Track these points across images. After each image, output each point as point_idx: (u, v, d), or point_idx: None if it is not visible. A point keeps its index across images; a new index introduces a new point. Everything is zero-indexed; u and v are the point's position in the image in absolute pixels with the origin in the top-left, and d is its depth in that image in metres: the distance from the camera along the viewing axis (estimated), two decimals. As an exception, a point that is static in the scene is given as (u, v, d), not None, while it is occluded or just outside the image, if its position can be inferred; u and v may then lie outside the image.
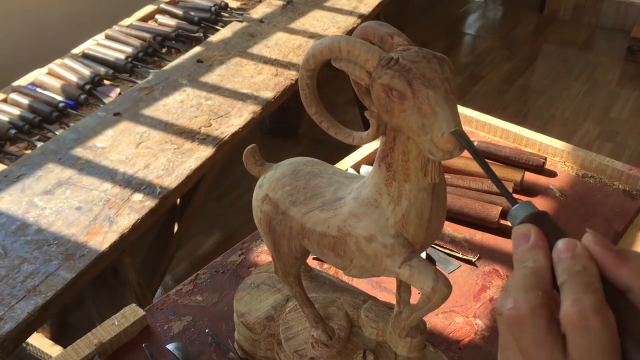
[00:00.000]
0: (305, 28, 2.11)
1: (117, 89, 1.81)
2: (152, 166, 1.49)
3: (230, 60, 1.92)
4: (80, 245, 1.27)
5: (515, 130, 1.29)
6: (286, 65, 1.90)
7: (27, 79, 1.84)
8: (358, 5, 2.25)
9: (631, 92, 3.18)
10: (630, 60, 3.42)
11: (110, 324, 0.87)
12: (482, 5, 4.11)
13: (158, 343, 0.88)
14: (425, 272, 0.63)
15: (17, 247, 1.26)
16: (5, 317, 1.11)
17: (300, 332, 0.81)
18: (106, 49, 1.94)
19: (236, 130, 1.63)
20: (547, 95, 3.17)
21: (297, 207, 0.70)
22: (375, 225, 0.64)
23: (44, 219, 1.33)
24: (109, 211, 1.36)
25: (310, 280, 0.88)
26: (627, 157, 2.72)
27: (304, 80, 0.64)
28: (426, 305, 0.65)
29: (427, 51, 0.57)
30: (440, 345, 0.90)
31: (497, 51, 3.56)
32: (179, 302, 0.95)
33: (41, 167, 1.47)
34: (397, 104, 0.56)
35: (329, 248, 0.68)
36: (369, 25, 0.64)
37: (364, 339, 0.80)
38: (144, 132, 1.60)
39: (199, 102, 1.72)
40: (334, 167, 0.75)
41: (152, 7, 2.20)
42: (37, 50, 2.19)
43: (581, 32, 3.73)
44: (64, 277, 1.20)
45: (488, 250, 1.06)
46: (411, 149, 0.60)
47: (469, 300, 0.97)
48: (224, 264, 1.02)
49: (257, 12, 2.20)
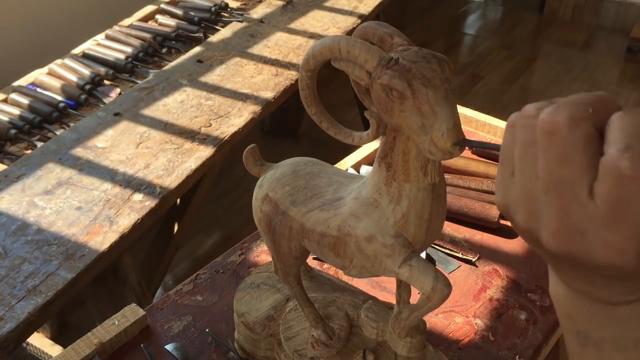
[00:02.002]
0: (305, 28, 2.11)
1: (117, 89, 1.81)
2: (152, 166, 1.49)
3: (230, 60, 1.92)
4: (81, 245, 1.27)
5: (515, 130, 1.29)
6: (286, 65, 1.90)
7: (27, 79, 1.84)
8: (358, 5, 2.25)
9: (631, 92, 3.18)
10: (630, 61, 3.41)
11: (111, 323, 0.87)
12: (482, 5, 4.11)
13: (158, 343, 0.88)
14: (425, 272, 0.63)
15: (17, 247, 1.26)
16: (5, 317, 1.11)
17: (300, 332, 0.81)
18: (106, 49, 1.94)
19: (236, 130, 1.63)
20: (547, 95, 3.17)
21: (297, 207, 0.70)
22: (375, 225, 0.64)
23: (44, 219, 1.33)
24: (109, 211, 1.36)
25: (310, 280, 0.88)
26: (627, 157, 2.72)
27: (304, 80, 0.64)
28: (426, 305, 0.65)
29: (427, 51, 0.57)
30: (440, 345, 0.90)
31: (497, 51, 3.56)
32: (179, 302, 0.95)
33: (41, 167, 1.47)
34: (397, 104, 0.56)
35: (329, 248, 0.68)
36: (368, 25, 0.64)
37: (364, 339, 0.80)
38: (144, 132, 1.60)
39: (199, 102, 1.72)
40: (334, 167, 0.75)
41: (152, 7, 2.20)
42: (37, 50, 2.20)
43: (581, 32, 3.73)
44: (64, 277, 1.20)
45: (488, 250, 1.06)
46: (411, 149, 0.60)
47: (469, 300, 0.98)
48: (224, 264, 1.02)
49: (257, 12, 2.20)
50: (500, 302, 0.97)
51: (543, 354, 0.94)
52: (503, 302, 0.98)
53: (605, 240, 0.36)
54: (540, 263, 1.04)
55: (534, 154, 0.37)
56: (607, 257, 0.36)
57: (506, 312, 0.96)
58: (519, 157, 0.39)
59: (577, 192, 0.36)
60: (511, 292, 0.99)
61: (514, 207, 0.40)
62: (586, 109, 0.36)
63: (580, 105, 0.36)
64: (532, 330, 0.93)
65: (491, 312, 0.96)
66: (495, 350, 0.90)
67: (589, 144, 0.35)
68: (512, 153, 0.40)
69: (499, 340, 0.92)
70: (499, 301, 0.98)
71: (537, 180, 0.38)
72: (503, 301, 0.98)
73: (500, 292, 0.99)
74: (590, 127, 0.35)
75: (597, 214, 0.35)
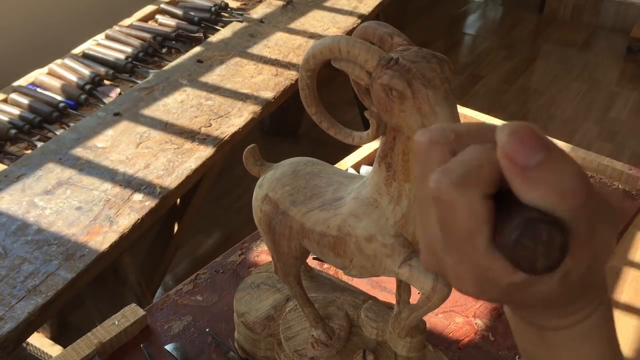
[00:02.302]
0: (305, 28, 2.11)
1: (117, 89, 1.81)
2: (152, 166, 1.49)
3: (230, 60, 1.92)
4: (81, 245, 1.27)
5: (515, 130, 1.29)
6: (286, 65, 1.90)
7: (28, 79, 1.84)
8: (358, 5, 2.25)
9: (631, 92, 3.18)
10: (630, 60, 3.41)
11: (111, 323, 0.87)
12: (482, 5, 4.11)
13: (158, 343, 0.88)
14: (425, 272, 0.63)
15: (17, 247, 1.26)
16: (5, 317, 1.11)
17: (300, 332, 0.81)
18: (106, 49, 1.94)
19: (236, 130, 1.63)
20: (547, 95, 3.17)
21: (297, 207, 0.70)
22: (375, 225, 0.64)
23: (44, 219, 1.33)
24: (109, 211, 1.36)
25: (310, 280, 0.88)
26: (627, 157, 2.72)
27: (304, 80, 0.64)
28: (426, 305, 0.65)
29: (427, 51, 0.57)
30: (440, 345, 0.90)
31: (497, 51, 3.56)
32: (179, 302, 0.95)
33: (41, 167, 1.47)
34: (397, 104, 0.56)
35: (329, 248, 0.68)
36: (368, 25, 0.64)
37: (364, 339, 0.80)
38: (144, 132, 1.60)
39: (199, 102, 1.72)
40: (334, 167, 0.75)
41: (152, 7, 2.20)
42: (37, 50, 2.20)
43: (581, 32, 3.73)
44: (64, 277, 1.20)
45: (488, 250, 1.06)
46: (411, 149, 0.60)
47: (469, 300, 0.98)
48: (224, 264, 1.02)
49: (257, 12, 2.20)
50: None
51: (543, 354, 0.94)
52: (503, 302, 0.97)
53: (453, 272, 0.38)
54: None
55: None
56: (455, 286, 0.39)
57: (506, 312, 0.96)
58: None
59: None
60: (511, 292, 0.99)
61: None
62: (443, 132, 0.37)
63: (438, 130, 0.38)
64: (532, 330, 0.93)
65: (491, 312, 0.96)
66: (495, 350, 0.90)
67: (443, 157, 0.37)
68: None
69: (499, 340, 0.92)
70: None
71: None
72: (503, 301, 0.98)
73: (500, 292, 0.99)
74: (447, 149, 0.37)
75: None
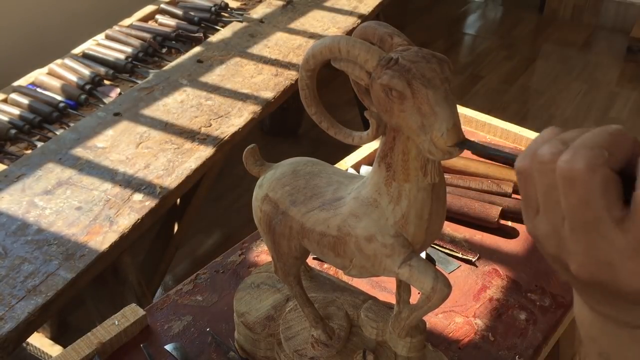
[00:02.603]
0: (305, 28, 2.11)
1: (117, 89, 1.81)
2: (152, 166, 1.49)
3: (230, 60, 1.92)
4: (81, 245, 1.27)
5: (515, 130, 1.29)
6: (286, 65, 1.90)
7: (27, 79, 1.84)
8: (358, 5, 2.25)
9: (631, 92, 3.18)
10: (630, 60, 3.41)
11: (111, 323, 0.87)
12: (482, 5, 4.11)
13: (158, 343, 0.88)
14: (425, 272, 0.63)
15: (17, 247, 1.26)
16: (5, 317, 1.11)
17: (300, 332, 0.81)
18: (106, 49, 1.94)
19: (236, 130, 1.63)
20: (547, 95, 3.17)
21: (297, 207, 0.70)
22: (375, 225, 0.64)
23: (44, 219, 1.33)
24: (109, 211, 1.36)
25: (310, 280, 0.88)
26: (627, 157, 2.72)
27: (304, 80, 0.64)
28: (426, 305, 0.65)
29: (427, 51, 0.57)
30: (440, 345, 0.90)
31: (497, 51, 3.56)
32: (179, 302, 0.95)
33: (41, 167, 1.47)
34: (397, 104, 0.56)
35: (328, 248, 0.68)
36: (368, 25, 0.64)
37: (364, 339, 0.80)
38: (144, 132, 1.60)
39: (199, 102, 1.72)
40: (334, 167, 0.75)
41: (152, 7, 2.20)
42: (37, 50, 2.20)
43: (581, 32, 3.73)
44: (64, 277, 1.20)
45: (488, 250, 1.06)
46: (411, 149, 0.60)
47: (469, 300, 0.98)
48: (224, 264, 1.02)
49: (257, 12, 2.20)
50: (500, 302, 0.97)
51: (543, 354, 0.94)
52: (503, 302, 0.98)
53: (632, 270, 0.38)
54: (540, 263, 1.04)
55: (556, 196, 0.40)
56: (633, 285, 0.38)
57: (506, 312, 0.96)
58: (543, 199, 0.41)
59: (602, 229, 0.38)
60: (511, 292, 0.99)
61: (543, 240, 0.42)
62: (602, 154, 0.37)
63: (596, 149, 0.37)
64: (532, 330, 0.93)
65: (491, 312, 0.96)
66: (495, 350, 0.90)
67: (607, 185, 0.37)
68: (530, 195, 0.42)
69: (499, 340, 0.92)
70: (499, 301, 0.98)
71: (563, 219, 0.40)
72: (503, 301, 0.98)
73: (500, 292, 0.99)
74: (606, 171, 0.37)
75: (624, 247, 0.37)
